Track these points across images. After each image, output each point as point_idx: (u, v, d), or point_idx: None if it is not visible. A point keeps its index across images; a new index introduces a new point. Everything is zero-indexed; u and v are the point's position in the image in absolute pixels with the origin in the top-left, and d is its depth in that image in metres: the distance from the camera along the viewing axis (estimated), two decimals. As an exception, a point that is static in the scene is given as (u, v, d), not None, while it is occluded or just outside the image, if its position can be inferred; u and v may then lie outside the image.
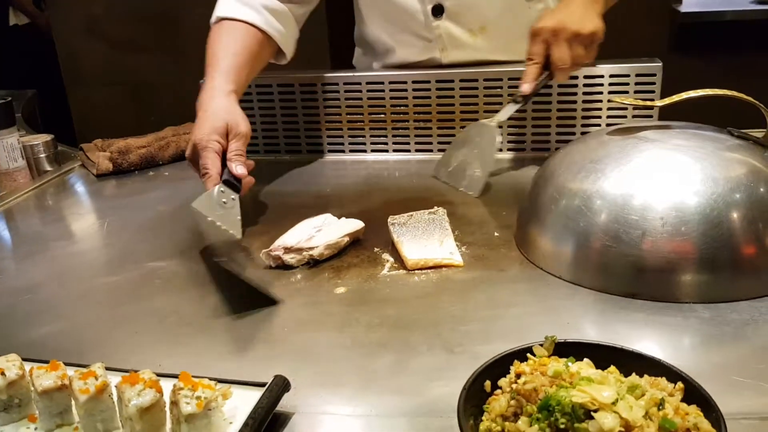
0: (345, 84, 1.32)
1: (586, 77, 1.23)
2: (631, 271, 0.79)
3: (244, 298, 0.85)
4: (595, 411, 0.48)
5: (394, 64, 1.36)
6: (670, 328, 0.74)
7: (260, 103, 1.37)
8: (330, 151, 1.37)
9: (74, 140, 1.86)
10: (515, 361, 0.57)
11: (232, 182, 0.94)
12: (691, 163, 0.81)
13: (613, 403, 0.48)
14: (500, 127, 1.11)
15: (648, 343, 0.73)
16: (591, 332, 0.76)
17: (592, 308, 0.79)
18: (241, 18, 1.16)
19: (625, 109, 1.23)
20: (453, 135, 1.29)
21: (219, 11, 1.18)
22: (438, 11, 1.26)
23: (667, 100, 0.89)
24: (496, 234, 0.98)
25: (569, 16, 1.07)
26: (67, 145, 1.58)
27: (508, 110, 1.13)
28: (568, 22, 1.06)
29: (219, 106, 1.03)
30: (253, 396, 0.61)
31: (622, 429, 0.47)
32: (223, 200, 0.91)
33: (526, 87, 1.10)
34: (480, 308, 0.80)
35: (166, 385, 0.60)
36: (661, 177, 0.80)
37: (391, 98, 1.31)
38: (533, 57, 1.09)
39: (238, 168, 0.97)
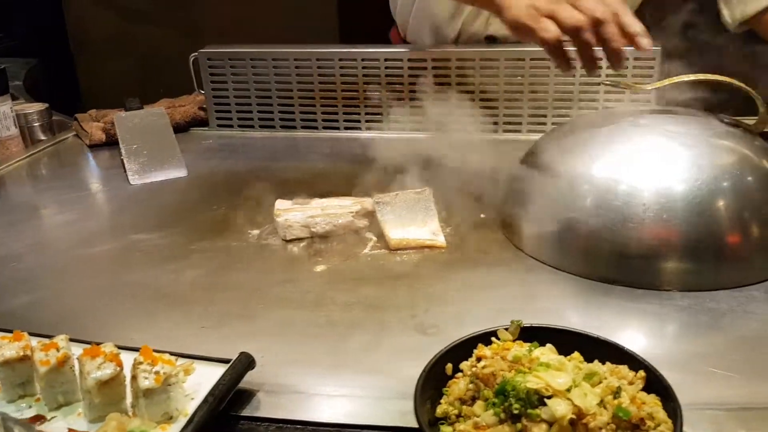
0: (340, 60, 1.31)
1: (583, 58, 1.20)
2: (612, 257, 0.78)
3: (223, 273, 0.85)
4: (549, 397, 0.47)
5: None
6: (647, 315, 0.73)
7: (254, 77, 1.35)
8: (324, 128, 1.36)
9: (82, 110, 1.86)
10: (479, 344, 0.57)
11: None
12: (679, 149, 0.79)
13: (568, 390, 0.47)
14: None
15: (623, 329, 0.72)
16: (567, 317, 0.75)
17: (570, 293, 0.78)
18: None
19: (623, 93, 1.21)
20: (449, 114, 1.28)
21: None
22: None
23: (657, 84, 0.87)
24: (482, 216, 0.96)
25: None
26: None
27: None
28: None
29: None
30: (218, 372, 0.61)
31: (574, 416, 0.46)
32: None
33: None
34: (458, 290, 0.79)
35: (130, 359, 0.60)
36: (646, 163, 0.79)
37: (386, 75, 1.29)
38: None
39: None
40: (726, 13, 1.18)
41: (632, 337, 0.72)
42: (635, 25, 0.82)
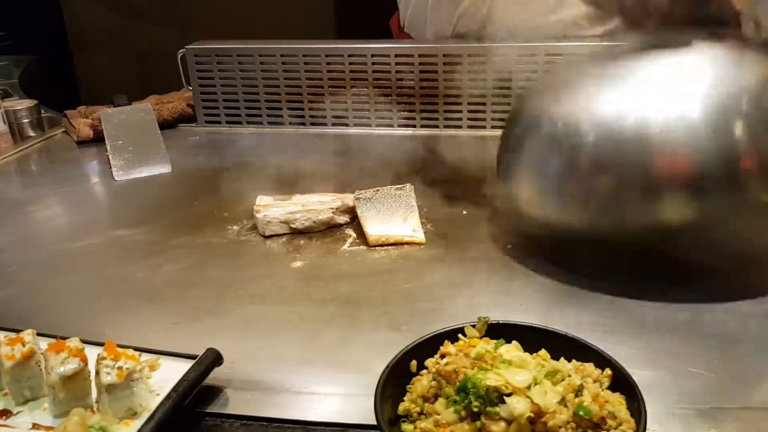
0: (326, 56, 1.30)
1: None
2: (616, 195, 0.70)
3: (200, 269, 0.84)
4: (509, 395, 0.46)
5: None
6: (626, 314, 0.72)
7: (241, 74, 1.35)
8: (312, 123, 1.35)
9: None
10: (446, 341, 0.56)
11: None
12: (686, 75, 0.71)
13: (528, 388, 0.46)
14: None
15: (602, 327, 0.71)
16: (544, 315, 0.73)
17: (548, 291, 0.77)
18: None
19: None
20: (436, 111, 1.28)
21: None
22: None
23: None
24: (464, 212, 0.96)
25: None
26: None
27: None
28: None
29: None
30: (185, 368, 0.60)
31: (532, 414, 0.45)
32: None
33: None
34: (434, 287, 0.78)
35: (96, 354, 0.59)
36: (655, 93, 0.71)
37: (374, 71, 1.28)
38: None
39: None
40: None
41: (610, 335, 0.71)
42: None
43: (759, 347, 0.65)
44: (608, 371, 0.52)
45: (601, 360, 0.53)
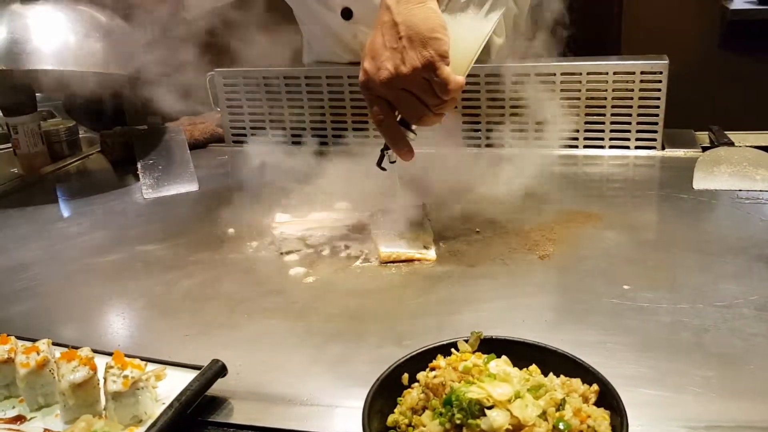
0: (349, 77, 1.33)
1: (589, 74, 1.20)
2: None
3: (216, 284, 0.87)
4: (490, 407, 0.47)
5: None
6: (628, 331, 0.72)
7: (267, 95, 1.39)
8: (335, 144, 1.38)
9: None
10: (439, 355, 0.57)
11: None
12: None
13: (509, 401, 0.47)
14: None
15: (603, 345, 0.71)
16: (547, 332, 0.74)
17: (553, 308, 0.77)
18: None
19: (630, 107, 1.20)
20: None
21: None
22: (347, 15, 1.24)
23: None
24: (477, 230, 0.97)
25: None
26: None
27: None
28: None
29: None
30: (190, 378, 0.62)
31: (511, 427, 0.46)
32: None
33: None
34: (440, 303, 0.79)
35: (106, 363, 0.62)
36: None
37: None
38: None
39: None
40: None
41: (615, 353, 0.71)
42: None
43: (762, 367, 0.64)
44: (595, 387, 0.52)
45: (589, 376, 0.53)
